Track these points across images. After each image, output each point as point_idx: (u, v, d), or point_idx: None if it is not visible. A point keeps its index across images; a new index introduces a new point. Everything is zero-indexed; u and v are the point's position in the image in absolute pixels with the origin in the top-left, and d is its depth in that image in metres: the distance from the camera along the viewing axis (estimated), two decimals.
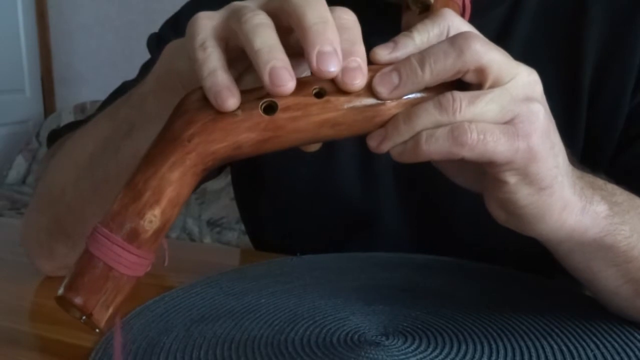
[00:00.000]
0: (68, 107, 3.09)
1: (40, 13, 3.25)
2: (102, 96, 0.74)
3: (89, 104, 2.96)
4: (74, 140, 0.58)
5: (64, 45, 3.27)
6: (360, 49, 0.35)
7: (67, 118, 2.88)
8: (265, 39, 0.33)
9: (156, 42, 0.73)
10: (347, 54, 0.34)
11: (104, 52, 3.15)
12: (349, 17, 0.35)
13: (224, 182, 2.31)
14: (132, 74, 0.72)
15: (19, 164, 3.00)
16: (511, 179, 0.36)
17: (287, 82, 0.32)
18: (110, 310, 0.33)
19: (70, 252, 0.58)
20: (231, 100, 0.33)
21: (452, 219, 0.66)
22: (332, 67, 0.33)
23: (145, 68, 0.71)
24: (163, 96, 0.43)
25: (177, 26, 0.72)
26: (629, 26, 0.60)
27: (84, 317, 0.33)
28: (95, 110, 0.67)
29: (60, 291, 0.32)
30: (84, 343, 0.47)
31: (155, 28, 0.75)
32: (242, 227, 0.84)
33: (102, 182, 0.52)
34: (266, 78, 0.32)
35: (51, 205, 0.57)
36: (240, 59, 0.39)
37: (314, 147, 0.37)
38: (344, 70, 0.34)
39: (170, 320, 0.50)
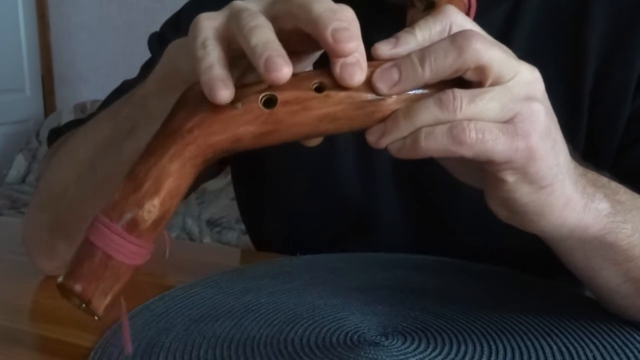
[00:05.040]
0: (68, 106, 3.10)
1: (40, 13, 3.25)
2: (102, 96, 0.74)
3: (89, 104, 2.97)
4: (76, 139, 0.58)
5: (64, 44, 3.27)
6: (359, 44, 0.34)
7: (68, 117, 2.88)
8: (261, 37, 0.34)
9: (157, 42, 0.73)
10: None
11: (104, 51, 3.15)
12: (346, 14, 0.35)
13: (224, 182, 2.31)
14: (132, 73, 0.72)
15: (19, 163, 3.00)
16: (510, 177, 0.36)
17: (282, 67, 0.32)
18: (109, 298, 0.33)
19: (71, 250, 0.58)
20: (224, 92, 0.33)
21: (451, 219, 0.66)
22: (350, 40, 0.33)
23: (146, 67, 0.71)
24: (165, 96, 0.43)
25: (178, 25, 0.72)
26: (632, 26, 0.60)
27: (83, 305, 0.33)
28: (96, 110, 0.67)
29: (60, 279, 0.33)
30: (84, 342, 0.46)
31: (156, 28, 0.75)
32: (242, 227, 0.84)
33: (104, 181, 0.52)
34: (261, 68, 0.32)
35: (52, 203, 0.57)
36: (242, 58, 0.39)
37: (315, 142, 0.37)
38: (343, 65, 0.34)
39: (169, 319, 0.50)
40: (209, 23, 0.36)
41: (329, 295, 0.54)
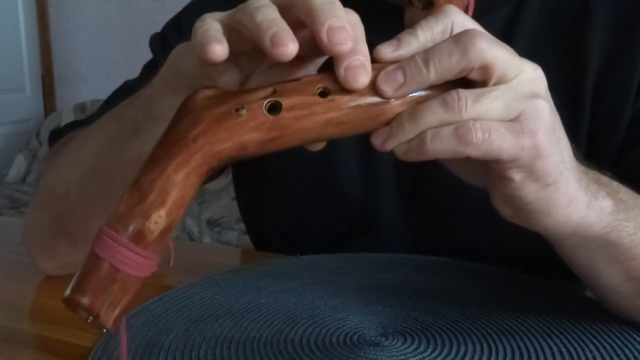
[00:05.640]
0: (68, 106, 3.10)
1: (40, 12, 3.25)
2: (102, 95, 0.74)
3: (89, 104, 2.97)
4: (79, 140, 0.58)
5: (65, 44, 3.27)
6: (363, 47, 0.35)
7: (68, 117, 2.88)
8: (266, 14, 0.34)
9: (159, 42, 0.73)
10: (349, 53, 0.34)
11: (104, 51, 3.15)
12: (351, 17, 0.35)
13: (224, 182, 2.31)
14: (132, 73, 0.72)
15: (19, 163, 3.00)
16: (517, 175, 0.36)
17: (289, 42, 0.32)
18: (117, 310, 0.33)
19: (72, 250, 0.58)
20: (217, 46, 0.33)
21: (452, 219, 0.66)
22: (344, 42, 0.33)
23: (148, 68, 0.71)
24: (169, 98, 0.44)
25: (179, 26, 0.72)
26: (633, 29, 0.60)
27: (90, 318, 0.33)
28: (97, 109, 0.67)
29: (67, 292, 0.32)
30: (84, 342, 0.47)
31: (156, 28, 0.75)
32: (242, 227, 0.84)
33: (107, 183, 0.52)
34: (267, 43, 0.32)
35: (53, 204, 0.57)
36: (247, 60, 0.39)
37: (319, 146, 0.37)
38: (347, 68, 0.34)
39: (169, 319, 0.50)
40: (213, 15, 0.37)
41: (329, 295, 0.54)
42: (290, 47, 0.33)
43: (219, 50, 0.33)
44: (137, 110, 0.49)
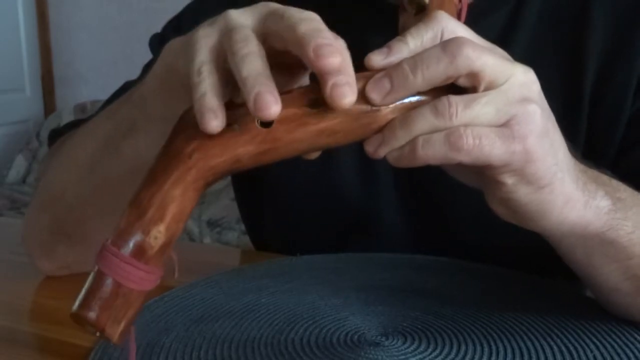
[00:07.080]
0: (68, 106, 3.10)
1: (40, 12, 3.25)
2: (102, 96, 0.74)
3: (89, 104, 2.97)
4: (75, 139, 0.58)
5: (65, 44, 3.27)
6: (349, 68, 0.34)
7: (68, 118, 2.88)
8: (251, 68, 0.34)
9: (159, 43, 0.73)
10: (334, 72, 0.33)
11: (104, 51, 3.15)
12: (338, 43, 0.35)
13: (224, 182, 2.30)
14: (132, 73, 0.72)
15: (19, 164, 3.00)
16: (509, 180, 0.37)
17: (271, 105, 0.32)
18: (123, 324, 0.34)
19: (71, 251, 0.58)
20: (213, 122, 0.33)
21: (452, 220, 0.66)
22: (331, 55, 0.33)
23: (148, 68, 0.71)
24: (163, 96, 0.43)
25: (179, 27, 0.72)
26: (632, 31, 0.60)
27: (97, 332, 0.34)
28: (97, 110, 0.67)
29: (74, 308, 0.33)
30: (84, 343, 0.47)
31: (156, 28, 0.75)
32: (242, 227, 0.84)
33: (103, 182, 0.52)
34: (251, 103, 0.32)
35: (52, 205, 0.57)
36: None
37: (313, 155, 0.38)
38: (333, 87, 0.33)
39: (169, 320, 0.50)
40: (205, 42, 0.36)
41: (329, 295, 0.54)
42: (272, 110, 0.32)
43: (214, 125, 0.33)
44: (131, 109, 0.49)
